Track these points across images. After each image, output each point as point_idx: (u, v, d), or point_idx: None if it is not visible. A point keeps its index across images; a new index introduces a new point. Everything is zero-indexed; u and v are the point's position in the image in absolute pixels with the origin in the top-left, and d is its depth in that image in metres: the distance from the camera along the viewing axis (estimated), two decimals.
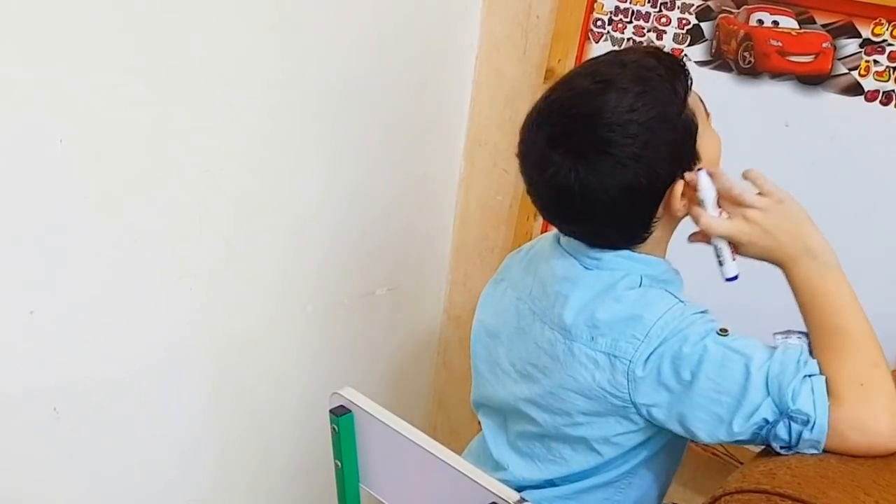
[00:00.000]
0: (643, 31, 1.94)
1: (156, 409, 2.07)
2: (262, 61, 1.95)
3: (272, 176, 2.06)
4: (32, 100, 1.71)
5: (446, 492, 1.47)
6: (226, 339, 2.11)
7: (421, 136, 2.29)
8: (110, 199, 1.85)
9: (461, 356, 2.46)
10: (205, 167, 1.95)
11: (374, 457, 1.62)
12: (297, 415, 2.26)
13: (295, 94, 2.03)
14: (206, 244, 2.02)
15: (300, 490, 2.34)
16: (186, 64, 1.85)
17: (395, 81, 2.16)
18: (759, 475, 1.34)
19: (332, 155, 2.13)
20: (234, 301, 2.10)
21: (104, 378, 1.95)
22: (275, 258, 2.13)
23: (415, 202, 2.34)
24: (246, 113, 1.98)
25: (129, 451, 2.05)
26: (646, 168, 1.40)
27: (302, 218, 2.14)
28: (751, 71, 1.80)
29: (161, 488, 2.13)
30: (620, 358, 1.42)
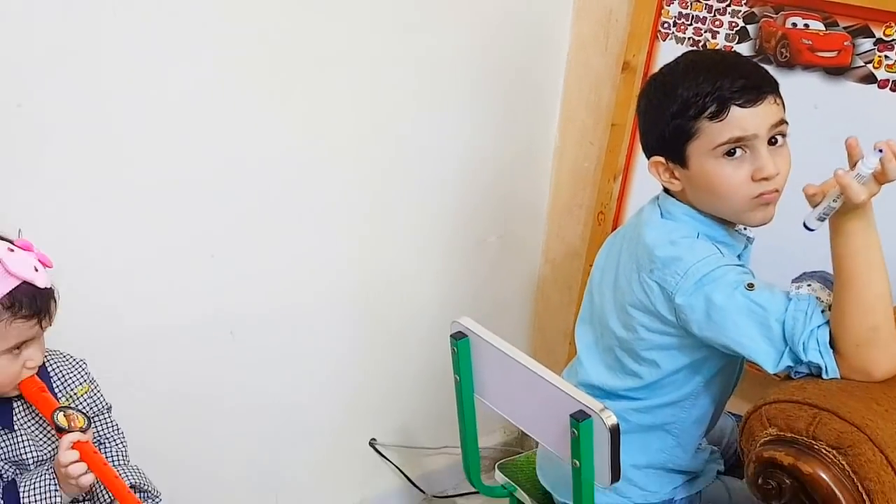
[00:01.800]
0: (701, 31, 1.92)
1: (311, 335, 2.11)
2: (407, 53, 2.00)
3: (415, 147, 2.11)
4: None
5: (542, 400, 1.48)
6: (370, 279, 2.15)
7: (524, 117, 2.28)
8: (275, 162, 1.90)
9: (555, 291, 2.45)
10: (366, 137, 2.01)
11: (486, 372, 1.62)
12: (424, 339, 2.26)
13: (432, 82, 2.08)
14: (357, 206, 2.06)
15: (427, 400, 2.34)
16: (351, 55, 1.91)
17: (505, 73, 2.18)
18: (792, 388, 1.36)
19: (460, 132, 2.17)
20: (378, 250, 2.14)
21: (271, 308, 2.01)
22: (412, 215, 2.17)
23: (520, 169, 2.32)
24: (398, 96, 2.03)
25: (288, 366, 2.10)
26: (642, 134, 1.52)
27: (438, 181, 2.18)
28: (787, 64, 1.78)
29: (313, 397, 2.18)
30: (665, 289, 1.43)
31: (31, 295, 1.35)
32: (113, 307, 1.77)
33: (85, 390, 1.52)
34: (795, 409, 1.32)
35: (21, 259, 1.34)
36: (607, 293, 1.58)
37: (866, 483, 1.25)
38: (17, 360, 1.38)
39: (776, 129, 1.41)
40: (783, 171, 1.42)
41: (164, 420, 1.89)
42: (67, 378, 1.51)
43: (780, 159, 1.42)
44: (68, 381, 1.51)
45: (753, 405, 1.38)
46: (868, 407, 1.29)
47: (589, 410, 1.37)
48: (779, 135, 1.42)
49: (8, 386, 1.39)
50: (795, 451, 1.29)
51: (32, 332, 1.38)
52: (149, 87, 1.68)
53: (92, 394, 1.53)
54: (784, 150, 1.44)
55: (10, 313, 1.33)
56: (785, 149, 1.44)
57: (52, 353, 1.50)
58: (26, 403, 1.44)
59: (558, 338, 2.45)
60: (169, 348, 1.88)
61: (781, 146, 1.43)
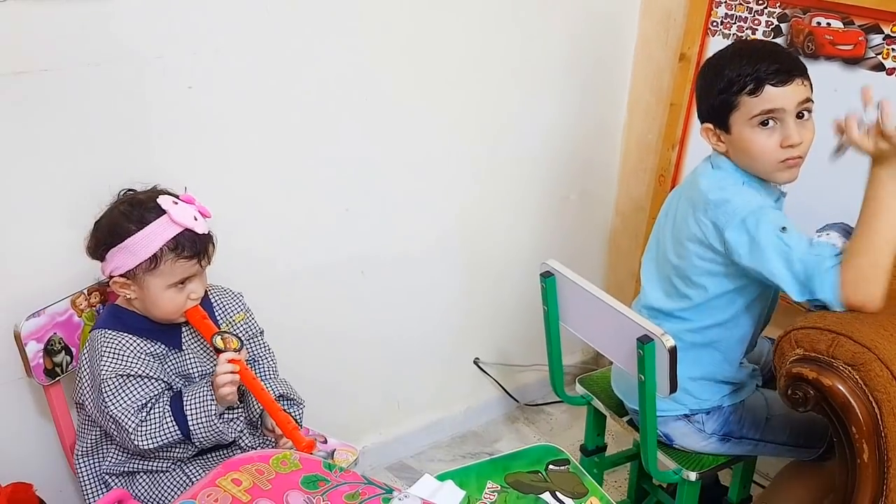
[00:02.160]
0: (743, 28, 1.92)
1: (427, 275, 2.11)
2: (510, 43, 2.01)
3: (513, 122, 2.10)
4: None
5: (614, 327, 1.50)
6: (475, 229, 2.15)
7: (600, 97, 2.23)
8: (400, 135, 1.91)
9: (624, 239, 2.42)
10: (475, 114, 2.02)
11: (568, 304, 1.64)
12: (519, 278, 2.24)
13: (530, 69, 2.08)
14: (467, 170, 2.07)
15: (521, 326, 2.32)
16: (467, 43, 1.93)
17: (585, 62, 2.16)
18: (815, 317, 1.38)
19: (549, 109, 2.15)
20: (482, 205, 2.14)
21: (395, 253, 2.02)
22: (510, 178, 2.16)
23: (596, 140, 2.29)
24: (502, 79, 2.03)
25: (409, 300, 2.11)
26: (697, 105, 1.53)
27: (530, 149, 2.17)
28: (812, 55, 1.78)
29: (428, 326, 2.18)
30: (718, 225, 1.45)
31: (191, 239, 1.37)
32: (266, 253, 1.79)
33: (241, 318, 1.53)
34: (818, 333, 1.34)
35: (183, 210, 1.36)
36: (667, 231, 1.59)
37: (875, 394, 1.29)
38: (181, 292, 1.40)
39: (802, 105, 1.44)
40: (807, 140, 1.45)
41: (306, 345, 1.90)
42: (227, 307, 1.53)
43: (805, 131, 1.45)
44: (228, 310, 1.53)
45: (784, 330, 1.40)
46: (877, 332, 1.32)
47: (652, 335, 1.41)
48: (805, 111, 1.45)
49: (176, 314, 1.42)
50: (818, 368, 1.32)
51: (193, 270, 1.40)
52: (295, 69, 1.69)
53: (247, 320, 1.55)
54: (809, 123, 1.46)
55: (175, 254, 1.36)
56: (810, 122, 1.46)
57: (214, 287, 1.53)
58: (192, 328, 1.46)
59: (627, 277, 2.43)
60: (311, 286, 1.89)
61: (807, 120, 1.46)
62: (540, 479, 1.45)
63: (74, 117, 1.48)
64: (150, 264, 1.36)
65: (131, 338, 1.40)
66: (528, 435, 2.34)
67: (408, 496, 1.08)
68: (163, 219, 1.35)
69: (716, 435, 1.61)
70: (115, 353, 1.38)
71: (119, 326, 1.41)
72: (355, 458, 1.64)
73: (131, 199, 1.40)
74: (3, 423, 1.57)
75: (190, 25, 1.55)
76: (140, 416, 1.36)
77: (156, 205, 1.37)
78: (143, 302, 1.41)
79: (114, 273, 1.38)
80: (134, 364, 1.38)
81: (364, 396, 2.13)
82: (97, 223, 1.41)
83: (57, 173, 1.49)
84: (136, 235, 1.34)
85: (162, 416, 1.37)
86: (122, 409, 1.36)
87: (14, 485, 1.43)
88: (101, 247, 1.38)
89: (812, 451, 1.56)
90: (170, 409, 1.37)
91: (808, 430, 1.56)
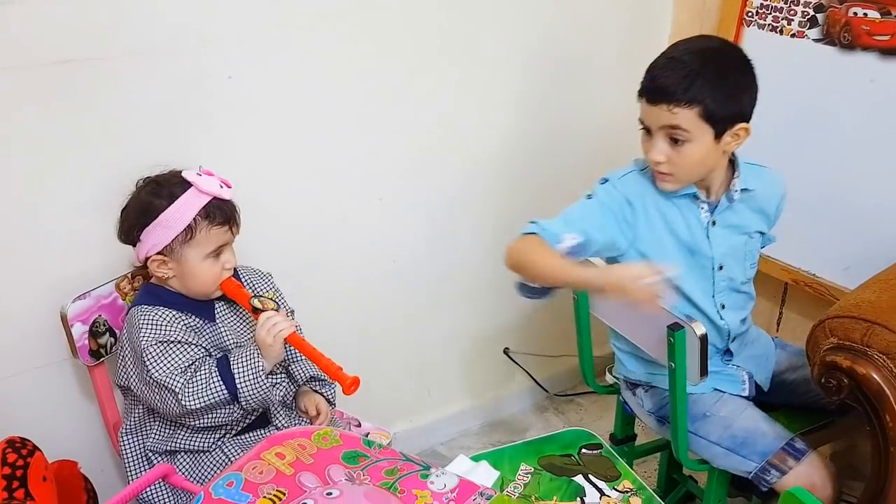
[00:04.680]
0: (778, 19, 1.89)
1: (458, 265, 2.10)
2: (542, 39, 1.99)
3: (547, 118, 2.07)
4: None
5: (644, 315, 1.40)
6: (504, 220, 2.03)
7: (633, 92, 2.21)
8: (428, 128, 1.90)
9: None
10: (512, 104, 2.01)
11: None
12: None
13: (564, 64, 2.06)
14: (497, 165, 2.05)
15: (551, 316, 2.28)
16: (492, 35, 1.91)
17: (619, 52, 2.13)
18: (850, 306, 1.39)
19: (582, 105, 2.13)
20: (515, 196, 2.10)
21: (428, 242, 2.02)
22: (544, 170, 2.12)
23: (629, 136, 2.15)
24: (535, 72, 2.01)
25: (439, 289, 2.09)
26: None
27: (565, 142, 2.13)
28: (849, 46, 1.77)
29: (459, 315, 2.16)
30: None
31: (220, 206, 1.41)
32: (300, 242, 1.81)
33: (271, 297, 1.51)
34: (852, 322, 1.34)
35: (208, 180, 1.40)
36: None
37: None
38: (217, 263, 1.43)
39: (669, 130, 1.41)
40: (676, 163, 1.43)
41: (339, 332, 1.86)
42: (257, 286, 1.55)
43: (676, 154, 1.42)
44: (258, 289, 1.54)
45: (818, 319, 1.40)
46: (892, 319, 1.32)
47: (682, 322, 1.39)
48: (676, 137, 1.41)
49: (213, 285, 1.45)
50: (852, 356, 1.32)
51: (227, 237, 1.43)
52: (332, 60, 1.70)
53: (277, 299, 1.53)
54: (683, 150, 1.41)
55: (208, 222, 1.39)
56: (685, 150, 1.41)
57: (244, 267, 1.55)
58: (225, 302, 1.49)
59: None
60: (344, 275, 1.91)
61: (681, 146, 1.41)
62: (573, 463, 1.46)
63: (118, 105, 1.51)
64: (185, 235, 1.39)
65: (168, 310, 1.43)
66: (558, 424, 2.35)
67: (444, 472, 1.10)
68: (191, 190, 1.39)
69: (653, 415, 1.63)
70: (153, 323, 1.40)
71: (155, 302, 1.44)
72: (388, 441, 1.65)
73: (155, 180, 1.43)
74: (50, 403, 1.61)
75: (230, 16, 1.57)
76: (185, 376, 1.38)
77: (181, 179, 1.40)
78: (181, 277, 1.44)
79: (150, 252, 1.41)
80: (172, 332, 1.40)
81: (395, 384, 2.14)
82: (124, 210, 1.44)
83: (102, 159, 1.52)
84: (169, 209, 1.38)
85: (209, 375, 1.39)
86: (167, 372, 1.37)
87: (59, 462, 1.46)
88: (134, 229, 1.41)
89: (747, 462, 1.49)
90: (216, 369, 1.39)
91: (748, 442, 1.50)
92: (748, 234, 1.56)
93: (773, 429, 1.50)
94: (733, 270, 1.55)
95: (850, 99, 1.77)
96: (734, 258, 1.55)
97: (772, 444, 1.47)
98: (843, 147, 1.81)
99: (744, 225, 1.55)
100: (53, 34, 1.41)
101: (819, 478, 1.44)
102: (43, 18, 1.39)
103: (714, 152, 1.43)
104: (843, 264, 1.75)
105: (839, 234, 1.84)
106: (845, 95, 1.78)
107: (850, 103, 1.77)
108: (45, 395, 1.59)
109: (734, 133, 1.42)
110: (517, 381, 2.39)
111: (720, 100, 1.37)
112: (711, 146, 1.41)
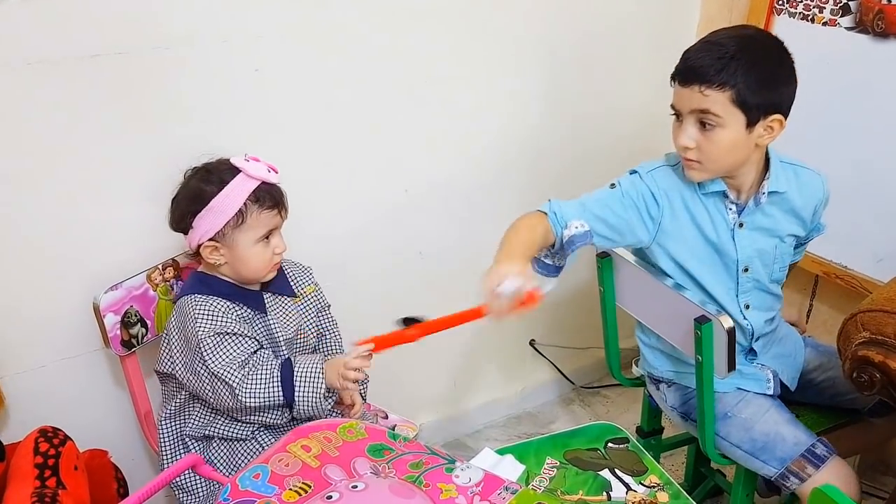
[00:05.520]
0: (810, 7, 1.85)
1: (485, 257, 1.84)
2: (568, 31, 1.97)
3: (569, 112, 2.06)
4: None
5: (671, 308, 1.47)
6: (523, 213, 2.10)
7: (659, 83, 2.08)
8: (462, 114, 1.89)
9: None
10: (535, 96, 1.99)
11: (625, 284, 1.62)
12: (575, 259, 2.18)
13: (588, 56, 2.04)
14: (516, 159, 2.03)
15: (577, 308, 2.28)
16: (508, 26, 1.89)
17: (647, 42, 2.10)
18: (882, 300, 1.36)
19: (607, 98, 2.12)
20: (540, 188, 1.95)
21: (451, 235, 2.01)
22: (568, 162, 2.11)
23: (652, 127, 1.99)
24: (560, 63, 1.99)
25: (465, 282, 1.82)
26: None
27: (588, 134, 2.12)
28: (882, 34, 1.72)
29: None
30: None
31: (269, 191, 1.42)
32: (327, 233, 1.81)
33: (311, 290, 1.57)
34: (885, 316, 1.31)
35: (256, 165, 1.41)
36: None
37: None
38: (268, 247, 1.44)
39: (699, 114, 1.37)
40: (705, 150, 1.39)
41: (366, 323, 1.76)
42: (299, 279, 1.57)
43: (705, 141, 1.38)
44: (300, 282, 1.57)
45: (850, 313, 1.37)
46: None
47: (709, 315, 1.38)
48: (706, 122, 1.37)
49: (265, 269, 1.46)
50: (885, 351, 1.29)
51: (276, 221, 1.44)
52: (357, 52, 1.69)
53: (316, 293, 1.58)
54: (713, 135, 1.37)
55: (258, 206, 1.40)
56: (714, 135, 1.37)
57: (286, 260, 1.56)
58: (271, 293, 1.51)
59: None
60: (370, 266, 1.91)
61: (709, 131, 1.37)
62: (599, 457, 1.45)
63: (146, 98, 1.51)
64: (237, 220, 1.40)
65: (221, 300, 1.44)
66: (584, 417, 2.34)
67: (470, 466, 1.09)
68: (240, 176, 1.40)
69: (676, 410, 1.61)
70: (209, 313, 1.41)
71: (207, 290, 1.45)
72: (415, 433, 1.65)
73: (204, 168, 1.44)
74: (82, 393, 1.62)
75: (255, 9, 1.57)
76: (243, 371, 1.39)
77: (230, 166, 1.42)
78: (233, 263, 1.45)
79: (202, 239, 1.42)
80: (228, 323, 1.41)
81: (422, 376, 2.13)
82: (175, 199, 1.45)
83: (129, 153, 1.53)
84: (220, 195, 1.39)
85: (270, 378, 1.39)
86: (224, 364, 1.38)
87: (91, 451, 1.48)
88: (186, 216, 1.42)
89: (767, 467, 1.47)
90: (279, 374, 1.39)
91: (768, 447, 1.47)
92: (780, 237, 1.51)
93: (795, 434, 1.47)
94: (759, 272, 1.51)
95: (884, 87, 1.72)
96: (762, 261, 1.50)
97: (791, 451, 1.44)
98: (876, 136, 1.77)
99: (775, 228, 1.50)
100: (81, 30, 1.42)
101: (839, 484, 1.39)
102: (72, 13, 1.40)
103: (745, 142, 1.38)
104: (875, 256, 1.71)
105: (872, 225, 1.80)
106: (879, 84, 1.74)
107: (883, 92, 1.73)
108: (77, 385, 1.61)
109: (767, 125, 1.37)
110: (543, 373, 2.38)
111: (754, 86, 1.32)
112: (742, 135, 1.36)
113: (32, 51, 1.38)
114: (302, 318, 1.56)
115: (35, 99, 1.41)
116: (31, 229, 1.47)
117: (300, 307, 1.57)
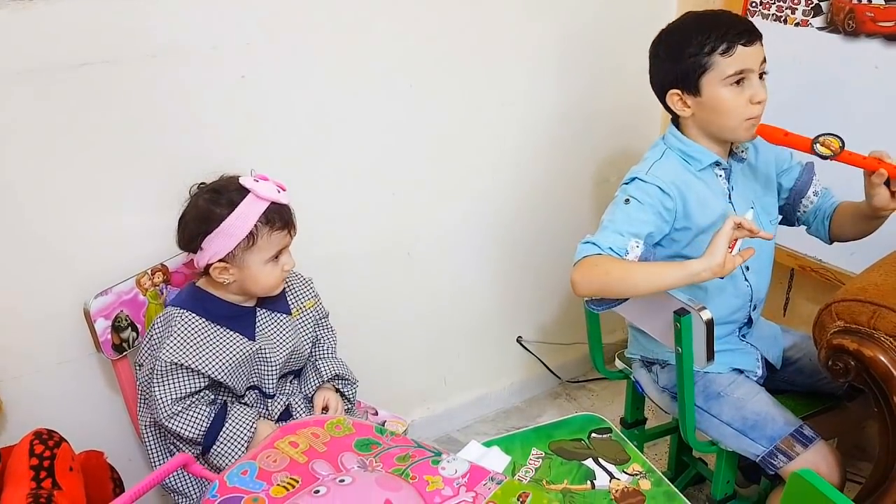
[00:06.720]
0: (782, 8, 1.86)
1: (471, 256, 2.10)
2: (544, 32, 1.97)
3: (553, 112, 2.07)
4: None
5: (651, 300, 1.45)
6: (516, 215, 2.12)
7: (638, 84, 2.04)
8: (447, 118, 1.89)
9: None
10: (519, 99, 2.00)
11: None
12: (558, 259, 2.13)
13: (566, 58, 2.04)
14: (503, 163, 2.05)
15: (561, 305, 2.32)
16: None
17: (621, 44, 2.09)
18: (856, 290, 1.37)
19: (588, 97, 2.12)
20: (525, 188, 2.11)
21: (438, 235, 2.02)
22: (552, 163, 2.11)
23: (635, 126, 2.22)
24: (537, 66, 2.00)
25: (453, 280, 2.10)
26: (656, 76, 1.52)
27: (571, 134, 2.12)
28: (853, 33, 1.73)
29: (473, 305, 2.16)
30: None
31: (279, 211, 1.39)
32: (318, 237, 1.75)
33: (312, 304, 1.56)
34: (859, 306, 1.32)
35: (265, 185, 1.38)
36: None
37: None
38: (277, 265, 1.43)
39: (763, 65, 1.44)
40: (764, 100, 1.44)
41: (357, 324, 1.90)
42: (299, 293, 1.56)
43: (764, 91, 1.45)
44: (300, 296, 1.56)
45: (824, 303, 1.38)
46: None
47: (688, 307, 1.38)
48: (763, 72, 1.45)
49: (275, 287, 1.45)
50: (859, 339, 1.30)
51: (286, 241, 1.43)
52: (344, 58, 1.69)
53: (316, 306, 1.58)
54: (765, 84, 1.46)
55: (269, 227, 1.38)
56: (765, 84, 1.46)
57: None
58: (267, 309, 1.49)
59: None
60: (361, 268, 1.91)
61: (764, 81, 1.46)
62: (583, 447, 1.45)
63: (134, 106, 1.51)
64: (247, 242, 1.38)
65: (205, 323, 1.42)
66: (570, 410, 2.34)
67: (455, 458, 1.09)
68: (249, 197, 1.37)
69: (668, 391, 1.62)
70: (181, 339, 1.39)
71: (198, 308, 1.43)
72: (405, 429, 1.65)
73: (212, 187, 1.41)
74: (78, 396, 1.61)
75: (243, 16, 1.57)
76: (177, 406, 1.39)
77: (238, 186, 1.38)
78: (243, 282, 1.43)
79: (212, 260, 1.39)
80: (191, 356, 1.39)
81: (412, 373, 2.14)
82: (182, 218, 1.43)
83: (118, 159, 1.52)
84: (230, 218, 1.36)
85: (198, 419, 1.40)
86: (163, 394, 1.38)
87: (87, 453, 1.47)
88: (196, 237, 1.39)
89: (756, 445, 1.48)
90: (208, 421, 1.40)
91: (759, 425, 1.49)
92: (759, 196, 1.58)
93: (784, 415, 1.50)
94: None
95: (856, 86, 1.73)
96: (756, 220, 1.49)
97: (781, 430, 1.47)
98: (848, 133, 1.76)
99: (755, 188, 1.57)
100: (67, 39, 1.41)
101: (825, 465, 1.42)
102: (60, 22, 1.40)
103: None
104: (848, 250, 1.71)
105: None
106: (850, 83, 1.75)
107: (855, 91, 1.74)
108: (73, 388, 1.60)
109: None
110: (530, 369, 2.39)
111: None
112: None
113: (21, 60, 1.38)
114: (299, 335, 1.54)
115: (23, 107, 1.41)
116: (24, 236, 1.47)
117: (297, 323, 1.55)
